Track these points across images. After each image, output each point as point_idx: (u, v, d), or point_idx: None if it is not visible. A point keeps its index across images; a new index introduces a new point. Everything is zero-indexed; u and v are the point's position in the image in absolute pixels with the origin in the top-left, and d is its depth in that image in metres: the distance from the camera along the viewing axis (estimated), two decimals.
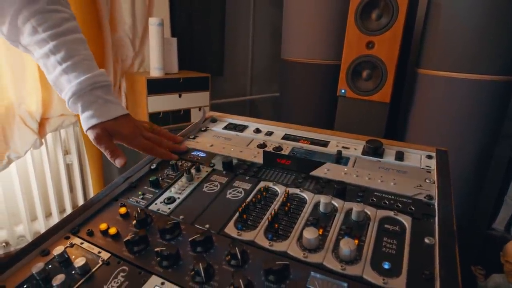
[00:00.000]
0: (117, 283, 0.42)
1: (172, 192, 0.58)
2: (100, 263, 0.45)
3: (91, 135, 0.60)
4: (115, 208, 0.55)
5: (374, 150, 0.64)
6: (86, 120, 0.60)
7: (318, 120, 2.03)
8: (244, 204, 0.52)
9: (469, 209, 1.46)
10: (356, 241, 0.44)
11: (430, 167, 0.60)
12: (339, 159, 0.63)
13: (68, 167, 1.58)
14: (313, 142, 0.71)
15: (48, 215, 1.55)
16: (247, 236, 0.47)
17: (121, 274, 0.43)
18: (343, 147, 0.68)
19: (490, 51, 1.28)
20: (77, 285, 0.42)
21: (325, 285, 0.39)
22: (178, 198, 0.56)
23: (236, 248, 0.43)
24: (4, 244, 1.44)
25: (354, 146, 0.68)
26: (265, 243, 0.45)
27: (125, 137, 0.62)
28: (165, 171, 0.64)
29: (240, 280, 0.38)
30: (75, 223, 0.52)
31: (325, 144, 0.70)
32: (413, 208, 0.50)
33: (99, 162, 1.58)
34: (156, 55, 1.56)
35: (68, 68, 0.59)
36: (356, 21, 1.54)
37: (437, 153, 0.62)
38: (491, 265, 1.38)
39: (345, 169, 0.60)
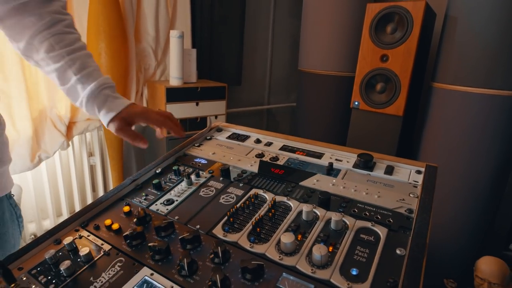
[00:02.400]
0: (114, 271, 0.48)
1: (171, 194, 0.64)
2: (102, 253, 0.51)
3: (112, 128, 0.67)
4: (120, 206, 0.62)
5: (365, 164, 0.67)
6: (104, 116, 0.68)
7: (332, 132, 2.05)
8: (233, 208, 0.57)
9: (485, 229, 1.42)
10: (331, 248, 0.48)
11: (417, 182, 0.62)
12: (330, 170, 0.67)
13: (92, 168, 1.69)
14: (308, 153, 0.75)
15: (72, 211, 1.67)
16: (231, 237, 0.52)
17: (118, 264, 0.49)
18: (336, 159, 0.71)
19: (507, 65, 1.26)
20: (80, 271, 0.48)
21: (293, 286, 0.42)
22: (177, 200, 0.62)
23: (219, 247, 0.47)
24: (33, 236, 1.56)
25: (346, 159, 0.71)
26: (246, 244, 0.50)
27: (141, 114, 0.69)
28: (168, 175, 0.70)
29: (217, 275, 0.42)
30: (85, 218, 0.59)
31: (319, 156, 0.73)
32: (391, 221, 0.53)
33: (119, 163, 1.68)
34: (176, 65, 1.65)
35: (82, 78, 0.67)
36: (371, 34, 1.56)
37: (426, 168, 0.64)
38: None
39: (334, 181, 0.64)
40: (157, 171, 0.72)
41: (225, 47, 2.11)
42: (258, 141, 0.82)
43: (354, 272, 0.44)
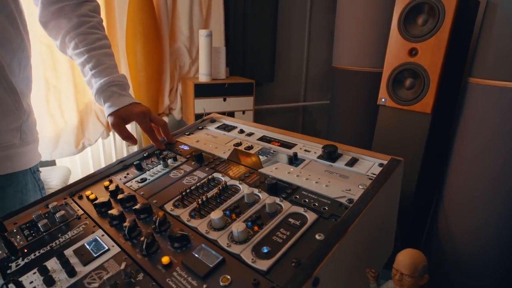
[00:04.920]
0: (77, 231, 0.57)
1: (147, 174, 0.72)
2: (74, 217, 0.61)
3: (109, 121, 0.79)
4: (104, 182, 0.72)
5: (328, 155, 0.67)
6: (106, 109, 0.79)
7: (364, 130, 1.97)
8: (187, 188, 0.62)
9: None
10: (256, 228, 0.51)
11: (375, 174, 0.61)
12: (293, 160, 0.68)
13: None
14: (282, 144, 0.77)
15: None
16: (177, 212, 0.57)
17: (83, 226, 0.58)
18: (305, 150, 0.72)
19: None
20: (54, 229, 0.58)
21: (205, 255, 0.47)
22: (149, 179, 0.70)
23: (158, 217, 0.54)
24: None
25: (315, 150, 0.72)
26: (185, 218, 0.55)
27: (137, 116, 0.79)
28: (151, 158, 0.79)
29: (146, 239, 0.49)
30: (74, 189, 0.70)
31: (291, 146, 0.75)
32: (326, 208, 0.53)
33: None
34: (204, 63, 1.76)
35: (96, 74, 0.79)
36: (400, 27, 1.48)
37: (389, 161, 0.62)
38: None
39: (291, 169, 0.65)
40: (144, 155, 0.81)
41: (257, 44, 2.16)
42: (241, 131, 0.86)
43: (265, 250, 0.46)
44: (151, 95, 1.81)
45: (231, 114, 1.90)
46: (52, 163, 1.62)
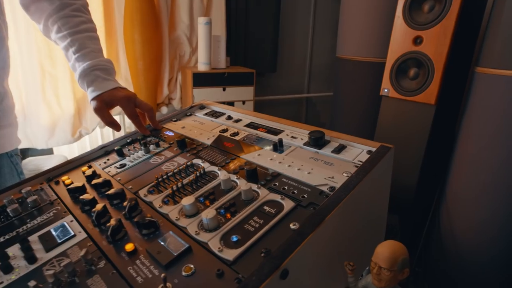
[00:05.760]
0: (47, 216, 0.55)
1: (126, 160, 0.69)
2: (47, 202, 0.59)
3: (92, 105, 0.76)
4: (83, 167, 0.69)
5: (315, 141, 0.63)
6: (90, 93, 0.76)
7: (368, 121, 1.92)
8: (163, 174, 0.60)
9: None
10: (228, 215, 0.48)
11: (361, 162, 0.57)
12: (277, 146, 0.65)
13: None
14: (269, 130, 0.73)
15: None
16: (150, 198, 0.55)
17: (54, 211, 0.56)
18: (292, 136, 0.69)
19: None
20: (25, 213, 0.56)
21: (171, 242, 0.44)
22: (128, 165, 0.67)
23: (128, 202, 0.51)
24: None
25: (301, 137, 0.68)
26: (158, 205, 0.52)
27: (120, 100, 0.75)
28: (134, 144, 0.76)
29: (112, 225, 0.46)
30: (51, 174, 0.68)
31: (278, 132, 0.71)
32: (305, 196, 0.50)
33: None
34: (203, 51, 1.72)
35: (79, 57, 0.76)
36: (405, 14, 1.42)
37: (378, 149, 0.58)
38: None
39: (274, 156, 0.62)
40: (128, 140, 0.78)
41: (259, 34, 2.11)
42: (229, 117, 0.83)
43: (234, 238, 0.43)
44: (150, 84, 1.79)
45: (230, 104, 1.86)
46: (49, 151, 1.62)
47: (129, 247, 0.44)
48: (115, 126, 0.77)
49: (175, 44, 1.89)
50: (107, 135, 1.79)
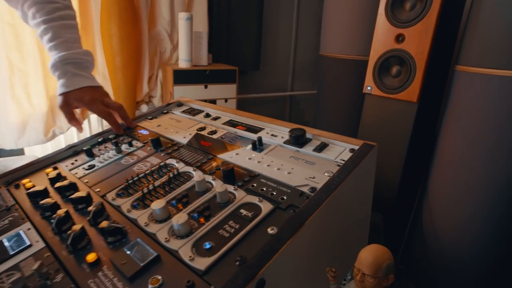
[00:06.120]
0: (1, 224, 0.50)
1: (96, 160, 0.65)
2: (3, 208, 0.53)
3: (58, 100, 0.71)
4: (48, 169, 0.64)
5: (295, 140, 0.60)
6: (59, 87, 0.72)
7: (350, 119, 1.91)
8: (134, 175, 0.55)
9: (505, 230, 1.22)
10: (202, 220, 0.44)
11: (344, 160, 0.54)
12: (256, 145, 0.62)
13: None
14: (249, 128, 0.70)
15: None
16: (118, 202, 0.50)
17: (10, 218, 0.51)
18: (272, 135, 0.66)
19: None
20: None
21: (139, 251, 0.40)
22: (98, 166, 0.63)
23: (94, 207, 0.47)
24: None
25: (282, 135, 0.65)
26: (126, 209, 0.48)
27: (86, 103, 0.71)
28: (105, 144, 0.71)
29: (73, 232, 0.42)
30: (11, 177, 0.62)
31: (258, 130, 0.68)
32: (284, 198, 0.47)
33: None
34: (184, 48, 1.67)
35: (52, 47, 0.71)
36: (387, 12, 1.41)
37: (361, 147, 0.56)
38: None
39: (253, 155, 0.59)
40: (99, 139, 0.73)
41: (242, 31, 2.07)
42: (207, 115, 0.79)
43: (207, 245, 0.40)
44: (129, 81, 1.72)
45: (212, 102, 1.82)
46: (20, 152, 1.53)
47: (91, 257, 0.40)
48: (77, 125, 0.74)
49: (155, 40, 1.83)
50: (84, 134, 1.72)
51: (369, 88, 1.54)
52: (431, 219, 1.38)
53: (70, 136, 1.64)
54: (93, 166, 0.63)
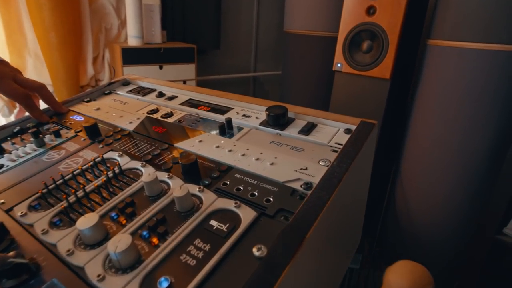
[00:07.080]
0: None
1: (6, 158, 0.47)
2: None
3: None
4: None
5: (275, 120, 0.48)
6: None
7: (319, 99, 1.83)
8: (58, 177, 0.39)
9: (477, 209, 1.22)
10: (156, 240, 0.30)
11: (340, 144, 0.43)
12: (225, 129, 0.48)
13: None
14: (214, 109, 0.56)
15: None
16: (31, 218, 0.35)
17: None
18: (243, 115, 0.52)
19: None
20: None
21: None
22: (8, 166, 0.45)
23: None
24: None
25: (257, 115, 0.52)
26: (40, 230, 0.33)
27: None
28: (23, 135, 0.53)
29: None
30: None
31: (226, 111, 0.55)
32: (271, 200, 0.34)
33: None
34: (133, 23, 1.46)
35: None
36: None
37: (359, 126, 0.45)
38: (497, 272, 1.15)
39: (222, 142, 0.45)
40: (14, 130, 0.55)
41: (200, 4, 1.88)
42: (160, 94, 0.63)
43: (164, 283, 0.26)
44: (69, 62, 1.47)
45: None
46: None
47: None
48: None
49: (99, 15, 1.58)
50: None
51: (339, 65, 1.45)
52: (404, 199, 1.35)
53: None
54: (1, 166, 0.46)
